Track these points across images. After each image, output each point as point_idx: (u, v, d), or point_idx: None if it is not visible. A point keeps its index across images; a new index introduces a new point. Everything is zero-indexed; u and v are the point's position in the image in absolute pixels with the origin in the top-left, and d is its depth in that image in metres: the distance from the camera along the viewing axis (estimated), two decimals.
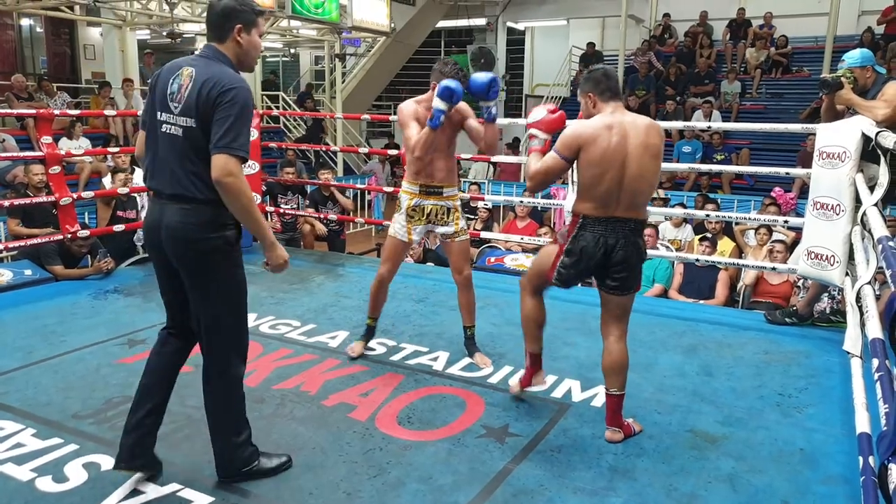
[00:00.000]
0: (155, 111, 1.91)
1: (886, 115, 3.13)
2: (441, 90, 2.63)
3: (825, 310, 3.68)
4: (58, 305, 3.71)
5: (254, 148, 5.11)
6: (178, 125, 1.86)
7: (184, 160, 1.87)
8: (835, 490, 2.06)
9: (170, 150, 1.88)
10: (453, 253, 2.98)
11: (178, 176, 1.87)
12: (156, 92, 1.93)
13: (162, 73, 1.95)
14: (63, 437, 2.27)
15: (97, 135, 8.13)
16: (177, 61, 1.96)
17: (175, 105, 1.86)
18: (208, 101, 1.81)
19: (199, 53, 1.96)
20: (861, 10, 10.68)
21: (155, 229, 1.93)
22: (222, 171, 1.79)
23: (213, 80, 1.83)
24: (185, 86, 1.86)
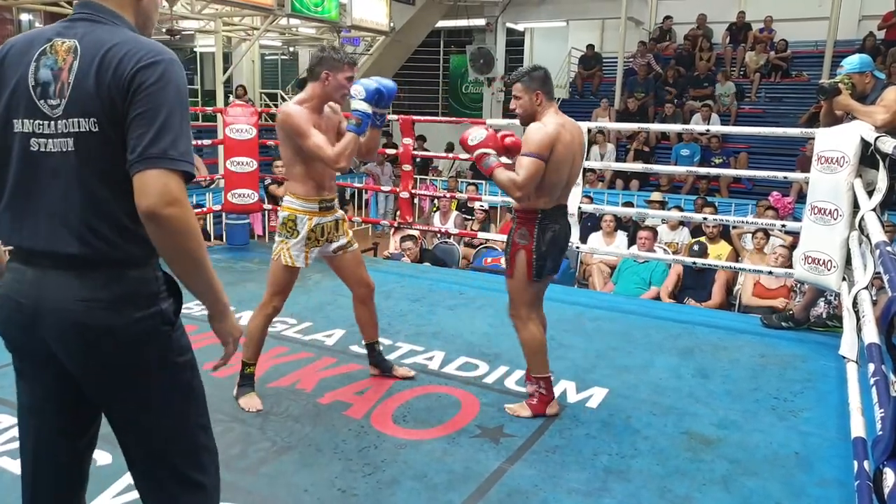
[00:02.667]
0: (6, 116, 1.20)
1: (885, 120, 3.14)
2: (371, 92, 2.33)
3: (822, 314, 3.69)
4: None
5: (252, 147, 5.12)
6: (63, 135, 1.16)
7: (82, 194, 1.17)
8: (829, 493, 2.06)
9: (50, 179, 1.18)
10: (351, 264, 2.64)
11: (71, 223, 1.16)
12: (1, 84, 1.21)
13: (8, 53, 1.23)
14: None
15: None
16: (32, 33, 1.26)
17: (53, 102, 1.17)
18: (118, 84, 1.14)
19: (74, 14, 1.25)
20: (861, 14, 10.71)
21: (27, 317, 1.19)
22: (160, 197, 1.11)
23: (121, 50, 1.16)
24: (67, 67, 1.17)
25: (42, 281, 1.19)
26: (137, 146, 1.13)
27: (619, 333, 3.46)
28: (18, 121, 1.19)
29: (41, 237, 1.19)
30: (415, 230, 5.33)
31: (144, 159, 1.12)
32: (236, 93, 10.13)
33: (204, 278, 1.22)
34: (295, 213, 2.50)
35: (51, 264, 1.19)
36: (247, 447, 2.22)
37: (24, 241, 1.21)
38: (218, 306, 1.29)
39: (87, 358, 1.20)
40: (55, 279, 1.18)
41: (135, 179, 1.13)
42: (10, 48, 1.24)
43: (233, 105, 5.44)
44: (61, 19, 1.28)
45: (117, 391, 1.24)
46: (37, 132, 1.18)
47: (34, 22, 11.41)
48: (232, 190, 5.11)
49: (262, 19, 9.88)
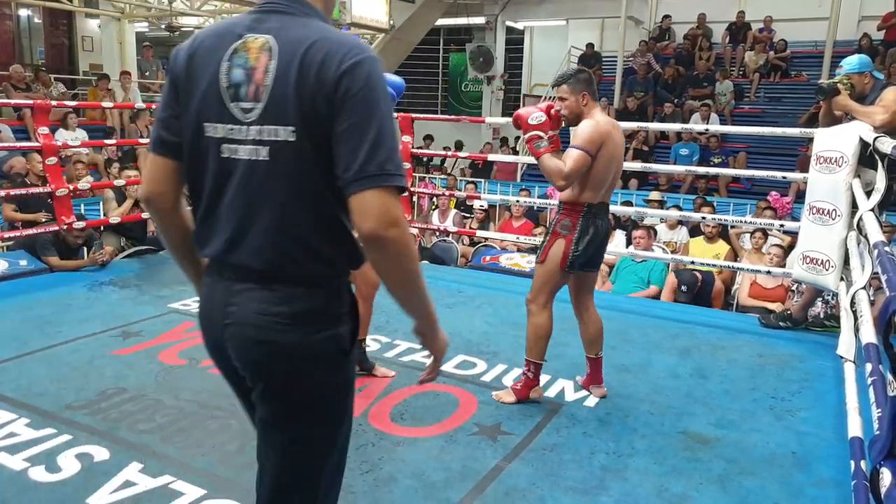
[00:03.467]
0: (198, 123, 1.11)
1: (884, 120, 3.14)
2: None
3: (819, 314, 3.70)
4: (53, 296, 3.69)
5: None
6: (255, 142, 1.07)
7: (271, 207, 1.08)
8: (826, 493, 2.07)
9: (242, 190, 1.09)
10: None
11: (265, 238, 1.09)
12: (191, 87, 1.11)
13: (197, 50, 1.12)
14: (57, 427, 2.26)
15: (94, 127, 8.10)
16: (220, 27, 1.13)
17: (246, 106, 1.07)
18: (322, 90, 1.03)
19: (262, 4, 1.13)
20: (861, 15, 10.71)
21: (215, 328, 1.16)
22: (382, 220, 1.02)
23: (321, 49, 1.04)
24: (262, 67, 1.06)
25: (230, 292, 1.13)
26: (352, 163, 1.02)
27: (617, 333, 3.46)
28: (210, 125, 1.10)
29: (234, 251, 1.11)
30: (413, 228, 5.33)
31: (363, 178, 1.02)
32: None
33: (421, 298, 1.14)
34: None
35: (237, 277, 1.12)
36: (245, 443, 2.22)
37: (213, 252, 1.15)
38: (431, 323, 1.18)
39: (254, 371, 1.14)
40: (240, 292, 1.12)
41: (352, 200, 1.02)
42: (199, 45, 1.12)
43: None
44: (250, 9, 1.14)
45: (277, 406, 1.16)
46: (228, 137, 1.08)
47: (33, 17, 11.37)
48: None
49: None
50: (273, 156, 1.06)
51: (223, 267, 1.15)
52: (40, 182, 4.46)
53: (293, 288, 1.11)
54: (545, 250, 2.52)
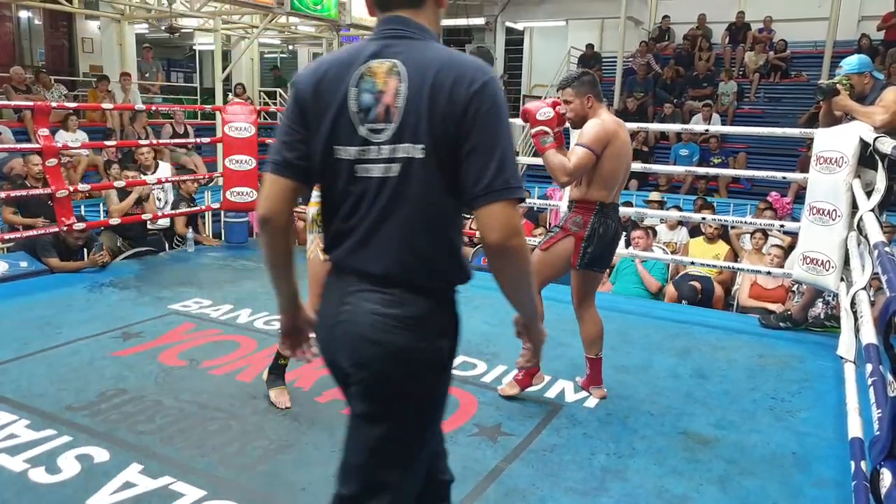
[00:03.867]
0: (329, 146, 1.17)
1: (884, 120, 3.14)
2: None
3: (819, 315, 3.70)
4: (53, 298, 3.70)
5: (251, 145, 5.11)
6: (387, 160, 1.14)
7: (398, 220, 1.15)
8: (826, 493, 2.07)
9: (373, 203, 1.16)
10: None
11: (388, 247, 1.16)
12: (320, 112, 1.17)
13: (323, 77, 1.18)
14: (57, 428, 2.26)
15: (94, 128, 8.10)
16: (343, 53, 1.20)
17: (376, 127, 1.13)
18: (453, 110, 1.10)
19: (382, 31, 1.19)
20: (861, 15, 10.71)
21: (328, 323, 1.24)
22: (507, 231, 1.10)
23: (450, 73, 1.11)
24: (392, 91, 1.13)
25: (344, 293, 1.20)
26: (482, 178, 1.10)
27: (617, 333, 3.46)
28: (340, 147, 1.17)
29: (356, 256, 1.19)
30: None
31: (491, 192, 1.10)
32: (235, 91, 10.12)
33: (532, 297, 1.23)
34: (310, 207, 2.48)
35: (357, 280, 1.19)
36: (245, 445, 2.22)
37: (336, 256, 1.23)
38: (535, 318, 1.29)
39: (364, 367, 1.18)
40: (356, 292, 1.19)
41: (480, 212, 1.11)
42: (325, 72, 1.18)
43: (232, 103, 5.44)
44: (369, 35, 1.21)
45: (378, 403, 1.20)
46: (361, 158, 1.15)
47: (33, 19, 11.38)
48: (231, 188, 5.11)
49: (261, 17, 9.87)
50: (403, 172, 1.13)
51: (344, 270, 1.21)
52: (39, 185, 4.45)
53: (407, 294, 1.17)
54: (551, 240, 2.55)
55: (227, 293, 3.91)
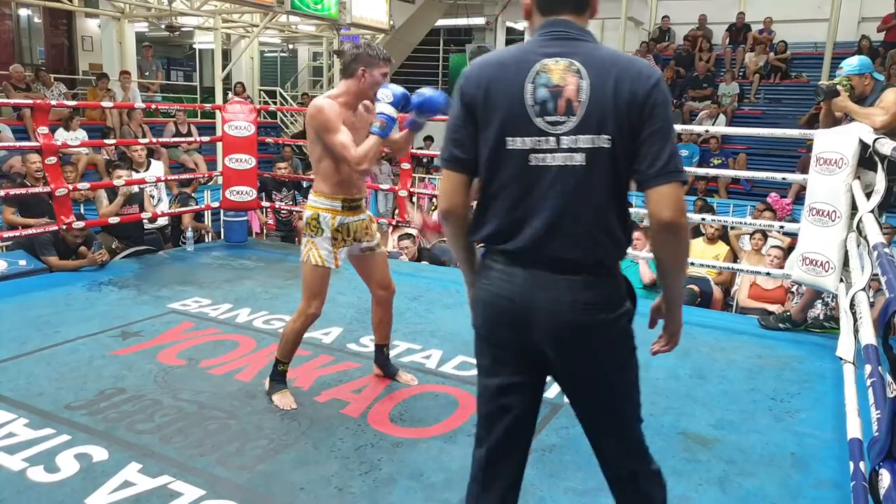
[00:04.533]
0: (500, 135, 1.26)
1: (884, 122, 3.14)
2: (398, 97, 2.32)
3: (819, 316, 3.70)
4: (52, 296, 3.69)
5: (250, 144, 5.11)
6: (569, 150, 1.23)
7: (585, 204, 1.25)
8: (825, 494, 2.07)
9: (555, 191, 1.25)
10: (378, 267, 2.61)
11: (573, 231, 1.25)
12: (490, 105, 1.26)
13: (494, 73, 1.27)
14: (55, 427, 2.26)
15: (94, 127, 8.10)
16: (509, 53, 1.30)
17: (559, 119, 1.23)
18: (633, 104, 1.22)
19: (549, 32, 1.28)
20: (861, 16, 10.72)
21: (518, 314, 1.30)
22: (678, 209, 1.22)
23: (628, 70, 1.23)
24: (572, 87, 1.22)
25: (534, 282, 1.28)
26: (657, 161, 1.22)
27: None
28: (513, 138, 1.25)
29: (541, 242, 1.26)
30: (413, 229, 5.33)
31: (665, 174, 1.22)
32: (235, 90, 10.12)
33: (684, 272, 1.36)
34: (318, 212, 2.44)
35: (549, 268, 1.27)
36: (244, 444, 2.22)
37: (518, 245, 1.28)
38: (680, 296, 1.40)
39: (571, 353, 1.31)
40: (548, 281, 1.27)
41: (652, 192, 1.23)
42: (495, 71, 1.27)
43: (232, 102, 5.43)
44: (533, 38, 1.31)
45: (593, 383, 1.35)
46: (536, 148, 1.24)
47: (33, 17, 11.38)
48: (230, 187, 5.10)
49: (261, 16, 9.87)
50: (589, 161, 1.24)
51: (531, 258, 1.28)
52: (38, 183, 4.45)
53: (597, 274, 1.28)
54: None
55: (227, 292, 3.90)
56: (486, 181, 1.31)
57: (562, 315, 1.27)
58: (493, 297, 1.33)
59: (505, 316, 1.32)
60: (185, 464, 2.08)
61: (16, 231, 4.25)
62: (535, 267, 1.28)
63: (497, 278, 1.32)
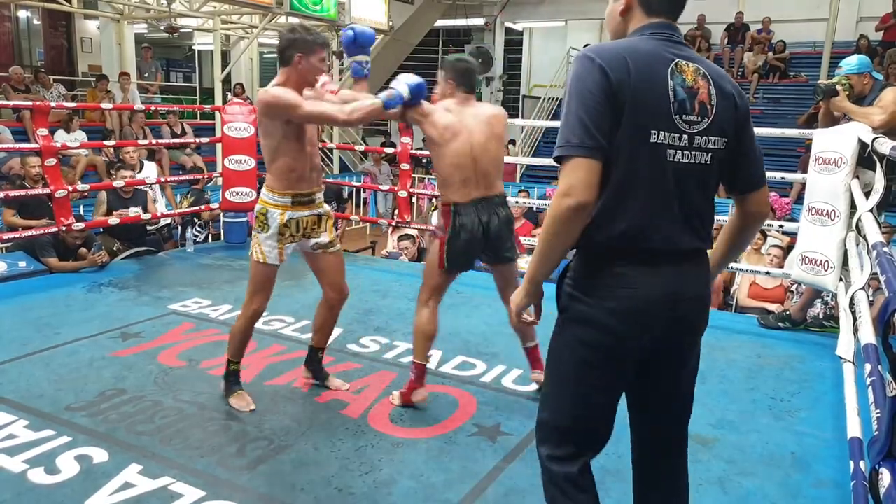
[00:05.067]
0: (645, 127, 1.24)
1: (882, 121, 3.15)
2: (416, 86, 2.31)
3: (818, 315, 3.70)
4: (52, 298, 3.69)
5: (250, 145, 5.11)
6: (700, 149, 1.29)
7: (702, 199, 1.33)
8: (825, 494, 2.07)
9: (683, 186, 1.29)
10: (332, 267, 2.55)
11: (695, 223, 1.32)
12: (637, 95, 1.23)
13: (635, 64, 1.24)
14: (56, 429, 2.26)
15: (94, 128, 8.09)
16: (636, 47, 1.29)
17: (691, 119, 1.27)
18: (741, 115, 1.35)
19: (660, 35, 1.31)
20: (860, 16, 10.72)
21: (671, 313, 1.31)
22: (769, 206, 1.49)
23: (732, 85, 1.36)
24: (705, 90, 1.29)
25: (675, 273, 1.32)
26: (759, 168, 1.41)
27: None
28: (656, 132, 1.26)
29: (673, 234, 1.30)
30: (413, 229, 5.33)
31: (763, 177, 1.42)
32: (234, 91, 10.12)
33: None
34: (266, 207, 2.40)
35: (685, 259, 1.33)
36: (244, 445, 2.22)
37: (659, 242, 1.29)
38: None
39: (690, 340, 1.43)
40: (684, 272, 1.33)
41: (760, 193, 1.41)
42: (633, 61, 1.24)
43: (231, 103, 5.43)
44: (646, 34, 1.32)
45: (693, 360, 1.49)
46: (672, 144, 1.28)
47: (32, 19, 11.37)
48: (230, 188, 5.10)
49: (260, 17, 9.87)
50: (712, 160, 1.32)
51: (673, 254, 1.31)
52: (38, 185, 4.45)
53: (705, 262, 1.40)
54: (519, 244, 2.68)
55: (227, 293, 3.90)
56: (622, 174, 1.25)
57: (703, 305, 1.38)
58: (640, 303, 1.28)
59: (659, 318, 1.30)
60: (185, 465, 2.09)
61: (15, 233, 4.25)
62: (679, 262, 1.32)
63: (637, 278, 1.28)
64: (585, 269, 1.33)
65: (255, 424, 2.36)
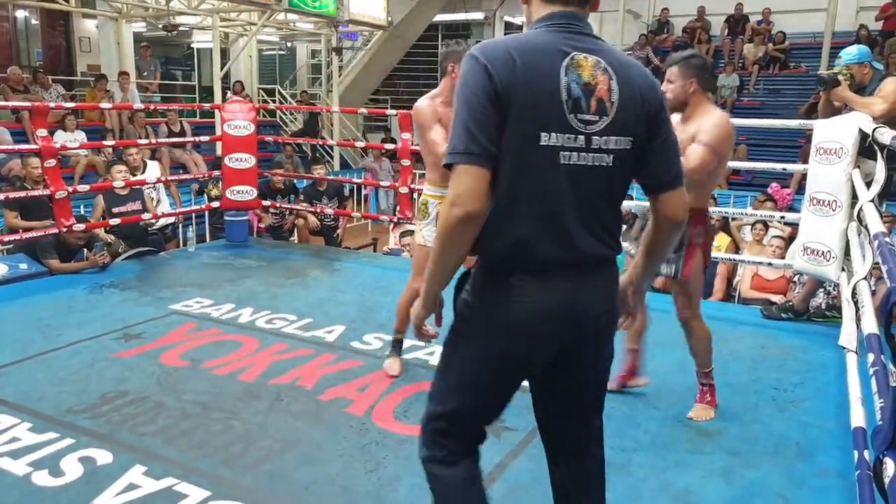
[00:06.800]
0: (535, 129, 1.17)
1: (883, 110, 3.14)
2: None
3: (821, 305, 3.69)
4: (53, 299, 3.69)
5: (250, 143, 5.10)
6: (598, 150, 1.20)
7: (609, 204, 1.26)
8: (829, 483, 2.07)
9: (581, 190, 1.21)
10: None
11: (597, 229, 1.24)
12: (524, 96, 1.16)
13: (521, 60, 1.16)
14: (59, 431, 2.26)
15: (93, 128, 8.09)
16: (526, 40, 1.20)
17: (590, 118, 1.18)
18: (651, 111, 1.24)
19: (560, 26, 1.22)
20: (859, 6, 10.67)
21: (567, 323, 1.26)
22: (685, 209, 1.32)
23: (644, 77, 1.25)
24: (604, 85, 1.19)
25: (576, 283, 1.25)
26: (672, 167, 1.30)
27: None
28: (547, 134, 1.17)
29: (576, 243, 1.23)
30: (412, 225, 5.32)
31: (677, 178, 1.31)
32: (234, 89, 10.10)
33: None
34: (427, 199, 2.67)
35: (592, 268, 1.27)
36: (248, 445, 2.22)
37: (558, 252, 1.22)
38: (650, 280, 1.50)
39: (603, 346, 1.37)
40: (588, 281, 1.27)
41: (670, 195, 1.30)
42: (520, 57, 1.16)
43: (230, 101, 5.42)
44: (542, 26, 1.23)
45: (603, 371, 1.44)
46: (566, 146, 1.18)
47: (30, 18, 11.35)
48: (230, 186, 5.10)
49: (259, 14, 9.85)
50: (615, 162, 1.22)
51: (569, 262, 1.24)
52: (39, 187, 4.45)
53: (614, 269, 1.33)
54: (686, 265, 2.39)
55: (229, 292, 3.90)
56: (507, 180, 1.18)
57: (607, 316, 1.32)
58: (535, 315, 1.23)
59: (554, 331, 1.25)
60: (189, 465, 2.09)
61: (16, 234, 4.25)
62: (579, 272, 1.24)
63: (534, 290, 1.22)
64: (482, 277, 1.27)
65: (258, 423, 2.37)
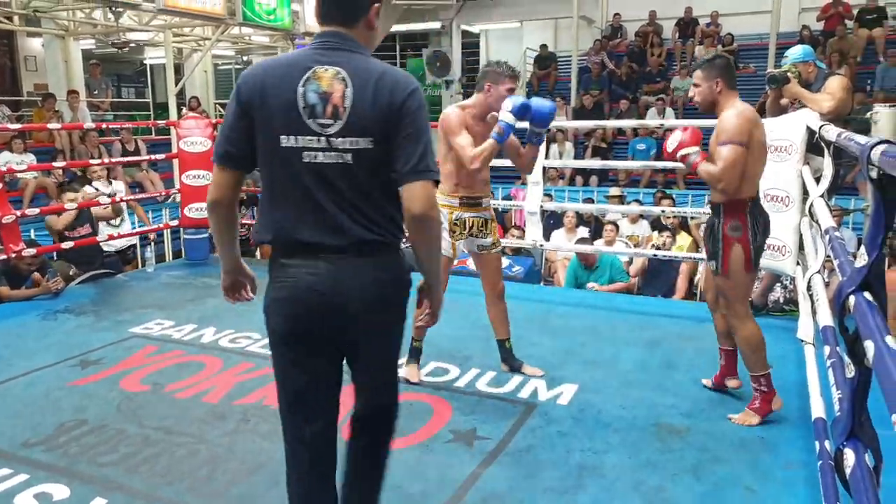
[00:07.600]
0: (275, 133, 1.38)
1: (831, 107, 3.26)
2: (518, 107, 2.48)
3: (779, 299, 3.79)
4: (4, 328, 3.54)
5: (208, 159, 5.00)
6: (338, 150, 1.36)
7: (365, 195, 1.40)
8: (795, 474, 2.11)
9: (328, 184, 1.38)
10: (490, 265, 2.85)
11: (355, 216, 1.39)
12: (265, 107, 1.38)
13: (269, 76, 1.40)
14: (13, 466, 2.16)
15: (42, 149, 7.82)
16: (283, 59, 1.44)
17: (326, 122, 1.36)
18: (391, 110, 1.37)
19: (323, 42, 1.43)
20: (801, 7, 11.08)
21: (325, 304, 1.40)
22: (428, 203, 1.38)
23: (388, 79, 1.38)
24: (339, 93, 1.36)
25: (336, 269, 1.40)
26: (409, 161, 1.38)
27: (585, 329, 3.49)
28: (286, 137, 1.37)
29: (330, 230, 1.39)
30: None
31: (416, 172, 1.38)
32: (190, 105, 9.90)
33: (438, 262, 1.54)
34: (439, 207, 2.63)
35: (336, 253, 1.39)
36: (214, 469, 2.16)
37: (312, 236, 1.39)
38: (438, 279, 1.55)
39: (364, 331, 1.46)
40: (348, 266, 1.40)
41: (406, 188, 1.39)
42: (270, 73, 1.40)
43: (186, 117, 5.31)
44: (310, 45, 1.44)
45: (378, 353, 1.53)
46: (309, 146, 1.37)
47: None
48: (189, 204, 4.99)
49: (213, 29, 9.69)
50: (356, 159, 1.38)
51: (328, 247, 1.39)
52: None
53: (389, 257, 1.46)
54: (724, 261, 2.37)
55: (190, 312, 3.81)
56: (266, 178, 1.44)
57: (361, 296, 1.40)
58: (298, 293, 1.41)
59: (314, 308, 1.41)
60: (153, 494, 2.02)
61: None
62: (334, 255, 1.39)
63: (298, 273, 1.41)
64: (271, 260, 1.48)
65: (224, 446, 2.30)
